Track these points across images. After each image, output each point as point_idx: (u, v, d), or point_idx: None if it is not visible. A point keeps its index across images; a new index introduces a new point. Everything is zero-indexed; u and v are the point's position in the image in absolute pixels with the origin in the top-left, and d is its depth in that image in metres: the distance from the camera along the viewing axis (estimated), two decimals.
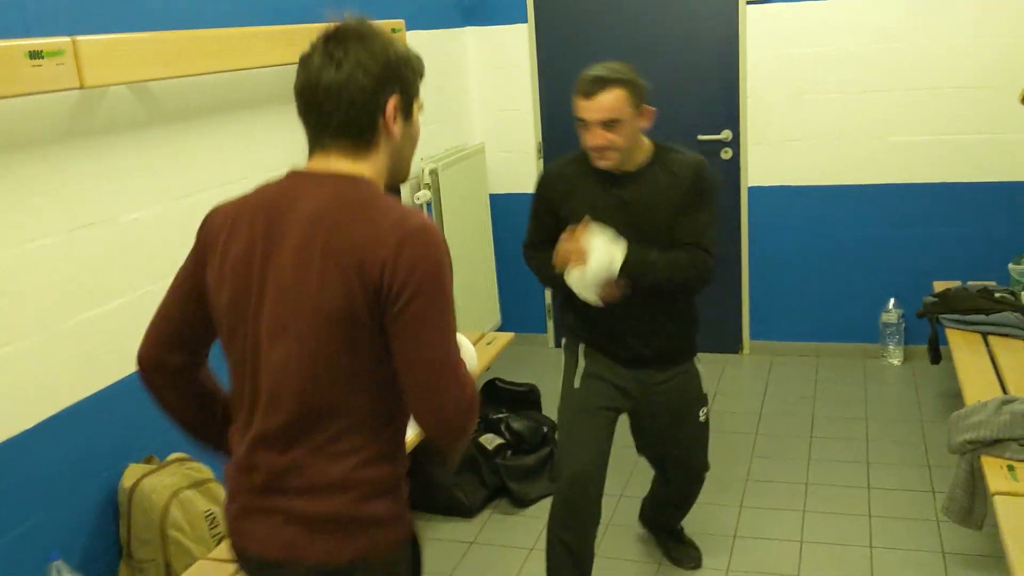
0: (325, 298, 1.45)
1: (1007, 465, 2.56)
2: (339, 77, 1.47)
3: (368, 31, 1.52)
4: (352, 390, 1.50)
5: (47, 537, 2.32)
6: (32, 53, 2.03)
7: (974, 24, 4.14)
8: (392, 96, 1.52)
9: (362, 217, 1.46)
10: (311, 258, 1.46)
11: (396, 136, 1.55)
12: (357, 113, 1.50)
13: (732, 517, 3.35)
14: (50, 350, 2.35)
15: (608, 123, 2.48)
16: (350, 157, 1.53)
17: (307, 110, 1.52)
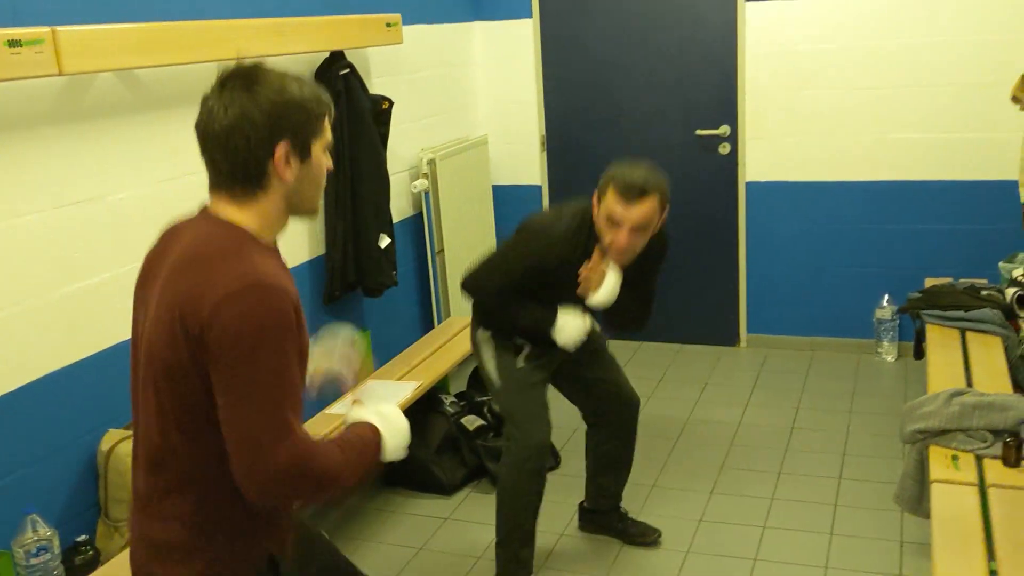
0: (161, 344, 1.50)
1: (952, 455, 2.61)
2: (224, 126, 1.51)
3: (258, 77, 1.53)
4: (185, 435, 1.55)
5: (26, 493, 2.49)
6: (11, 42, 2.19)
7: (969, 22, 4.16)
8: (281, 142, 1.53)
9: (204, 268, 1.49)
10: (161, 303, 1.53)
11: (288, 180, 1.56)
12: (243, 161, 1.53)
13: (701, 502, 3.43)
14: (36, 318, 2.52)
15: (640, 229, 2.65)
16: (236, 203, 1.57)
17: (202, 153, 1.57)
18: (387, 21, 3.81)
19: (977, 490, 2.41)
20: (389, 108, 3.85)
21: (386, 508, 3.52)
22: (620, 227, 2.62)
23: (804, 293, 4.74)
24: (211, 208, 1.60)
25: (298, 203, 1.62)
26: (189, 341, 1.46)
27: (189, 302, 1.47)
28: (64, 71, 2.34)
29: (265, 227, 1.60)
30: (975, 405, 2.66)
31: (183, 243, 1.57)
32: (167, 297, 1.51)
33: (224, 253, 1.51)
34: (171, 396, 1.52)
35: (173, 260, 1.55)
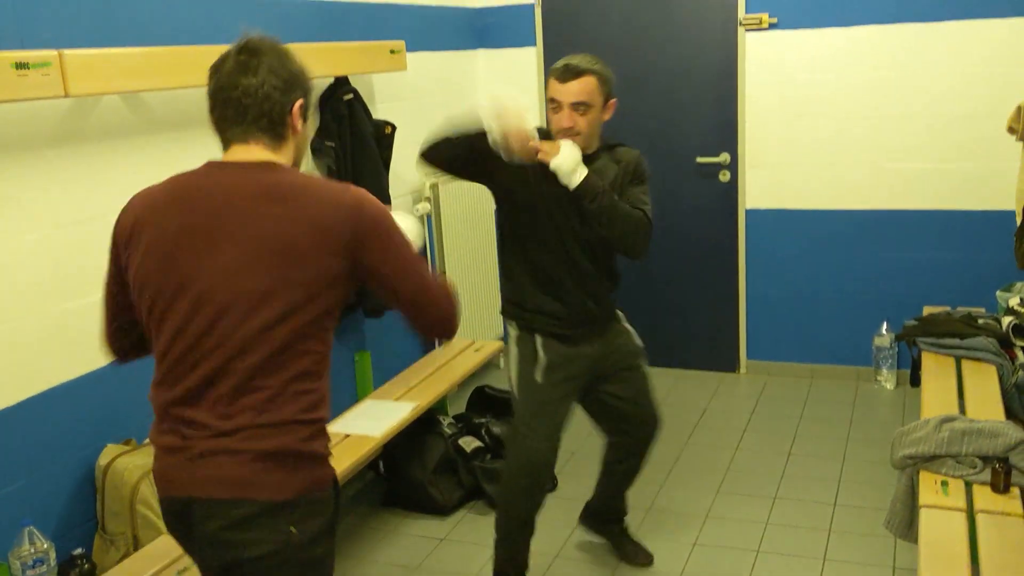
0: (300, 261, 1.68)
1: (941, 481, 2.62)
2: (255, 80, 1.72)
3: (275, 45, 1.77)
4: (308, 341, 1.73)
5: (24, 505, 2.52)
6: (19, 64, 2.25)
7: (966, 54, 4.21)
8: (298, 99, 1.78)
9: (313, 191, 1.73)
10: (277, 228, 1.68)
11: (299, 133, 1.80)
12: (271, 110, 1.74)
13: (696, 526, 3.44)
14: (37, 334, 2.57)
15: (578, 106, 2.70)
16: (269, 148, 1.77)
17: (224, 107, 1.74)
18: (391, 48, 3.89)
19: (965, 515, 2.43)
20: (392, 133, 3.91)
21: (382, 528, 3.54)
22: (559, 106, 2.72)
23: (804, 320, 4.76)
24: (241, 156, 1.75)
25: (299, 159, 1.86)
26: (337, 247, 1.70)
27: (327, 216, 1.70)
28: (70, 93, 2.41)
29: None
30: (965, 431, 2.67)
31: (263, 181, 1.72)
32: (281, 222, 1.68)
33: (312, 178, 1.81)
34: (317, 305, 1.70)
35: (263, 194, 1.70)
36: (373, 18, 4.07)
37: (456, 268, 4.61)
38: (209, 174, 1.77)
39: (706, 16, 4.59)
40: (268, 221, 1.68)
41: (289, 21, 3.51)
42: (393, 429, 3.40)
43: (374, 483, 3.81)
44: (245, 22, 3.23)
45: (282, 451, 1.69)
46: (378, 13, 4.11)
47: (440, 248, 4.50)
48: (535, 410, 2.89)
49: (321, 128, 3.65)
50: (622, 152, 2.87)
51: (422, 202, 4.41)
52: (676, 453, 4.04)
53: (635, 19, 4.72)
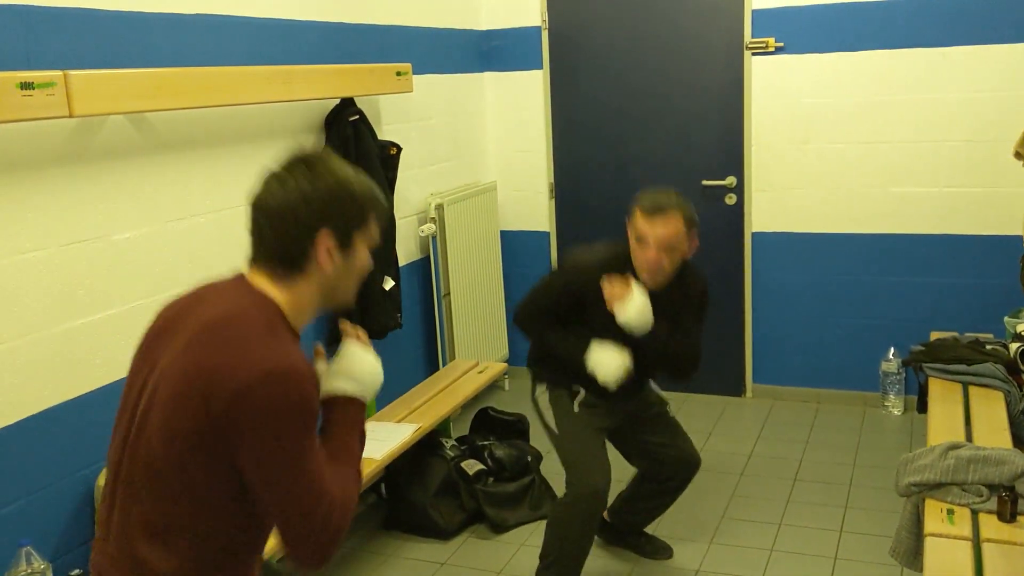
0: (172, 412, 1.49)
1: (947, 509, 2.58)
2: (279, 201, 1.55)
3: (322, 162, 1.58)
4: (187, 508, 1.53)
5: (22, 525, 2.51)
6: (24, 84, 2.26)
7: (972, 79, 4.20)
8: (324, 231, 1.55)
9: (234, 344, 1.48)
10: (176, 364, 1.51)
11: (327, 270, 1.59)
12: (288, 243, 1.56)
13: (700, 552, 3.41)
14: (38, 353, 2.57)
15: (668, 248, 2.82)
16: (275, 281, 1.59)
17: (251, 224, 1.60)
18: (397, 70, 3.90)
19: (971, 545, 2.39)
20: (397, 154, 3.92)
21: (383, 552, 3.51)
22: (647, 244, 2.81)
23: (810, 344, 4.74)
24: (249, 278, 1.61)
25: (331, 294, 1.64)
26: (211, 416, 1.46)
27: (217, 378, 1.46)
28: (75, 113, 2.41)
29: (297, 312, 1.61)
30: (970, 459, 2.64)
31: (215, 308, 1.56)
32: (189, 364, 1.49)
33: (258, 332, 1.51)
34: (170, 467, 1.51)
35: (202, 323, 1.54)
36: (380, 40, 4.09)
37: (461, 288, 4.61)
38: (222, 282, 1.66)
39: (713, 40, 4.60)
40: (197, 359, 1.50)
41: (296, 43, 3.52)
42: (395, 451, 3.38)
43: (375, 506, 3.79)
44: (252, 44, 3.28)
45: None
46: (385, 35, 4.13)
47: (445, 268, 4.50)
48: (581, 441, 3.01)
49: (326, 148, 3.65)
50: (690, 278, 3.02)
51: (427, 223, 4.41)
52: None
53: (642, 42, 4.73)
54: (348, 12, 3.86)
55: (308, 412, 1.50)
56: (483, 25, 5.02)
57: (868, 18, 4.31)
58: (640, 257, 2.85)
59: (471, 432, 4.09)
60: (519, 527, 3.63)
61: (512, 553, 3.46)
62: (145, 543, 1.54)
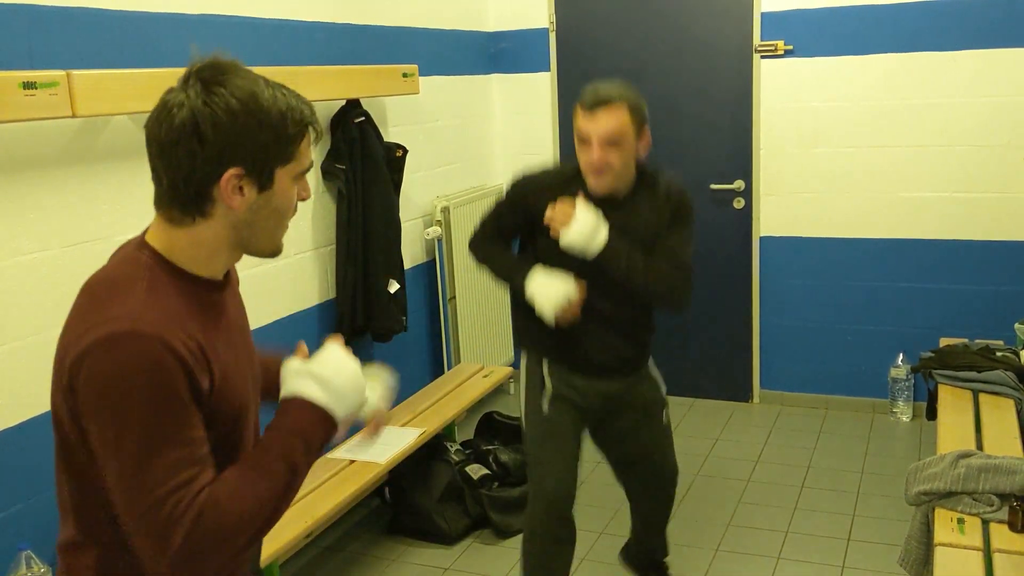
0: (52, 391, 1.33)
1: (957, 518, 2.55)
2: (171, 130, 1.27)
3: (225, 79, 1.29)
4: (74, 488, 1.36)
5: (23, 529, 2.49)
6: (26, 84, 2.25)
7: (984, 83, 4.16)
8: (232, 167, 1.28)
9: (86, 305, 1.31)
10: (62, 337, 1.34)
11: (238, 209, 1.31)
12: (183, 179, 1.29)
13: (706, 559, 3.37)
14: (39, 355, 2.54)
15: (609, 142, 2.44)
16: (167, 223, 1.34)
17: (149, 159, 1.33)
18: (404, 72, 3.88)
19: (982, 555, 2.36)
20: (403, 156, 3.90)
21: (387, 557, 3.48)
22: (588, 142, 2.44)
23: (818, 350, 4.70)
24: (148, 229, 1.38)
25: (250, 238, 1.36)
26: (62, 390, 1.27)
27: (68, 347, 1.27)
28: (78, 113, 2.40)
29: (197, 258, 1.35)
30: (981, 468, 2.61)
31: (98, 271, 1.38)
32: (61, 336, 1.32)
33: (112, 287, 1.30)
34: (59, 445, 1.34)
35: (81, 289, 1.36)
36: (386, 41, 4.07)
37: (466, 292, 4.58)
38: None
39: (721, 42, 4.57)
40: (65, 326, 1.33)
41: (301, 43, 3.50)
42: (399, 455, 3.36)
43: (379, 510, 3.76)
44: (256, 44, 3.26)
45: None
46: (392, 36, 4.11)
47: (450, 271, 4.47)
48: (544, 445, 2.73)
49: (332, 150, 3.64)
50: (663, 186, 2.61)
51: (433, 226, 4.39)
52: (686, 484, 3.97)
53: (650, 44, 4.70)
54: (354, 13, 3.84)
55: (154, 385, 1.22)
56: (491, 27, 5.00)
57: (878, 21, 4.28)
58: (583, 160, 2.47)
59: (476, 436, 4.06)
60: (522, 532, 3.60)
61: (517, 559, 3.42)
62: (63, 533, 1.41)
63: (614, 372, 2.74)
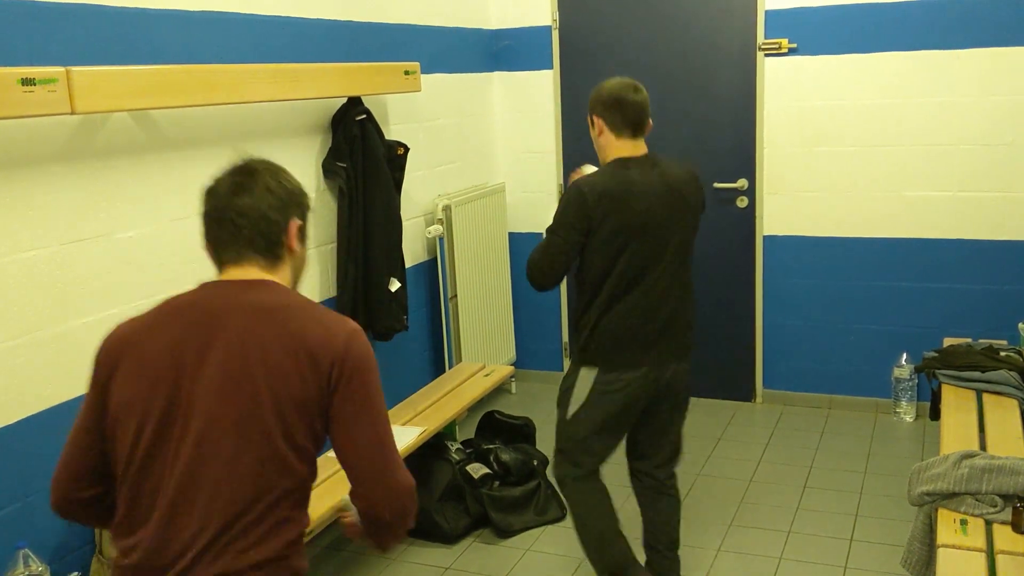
0: (285, 384, 1.61)
1: (960, 519, 2.53)
2: (250, 200, 1.68)
3: (270, 166, 1.75)
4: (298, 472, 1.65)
5: (21, 527, 2.48)
6: (25, 80, 2.23)
7: (988, 82, 4.14)
8: (293, 219, 1.74)
9: (307, 314, 1.67)
10: (263, 347, 1.61)
11: (297, 254, 1.77)
12: (267, 230, 1.70)
13: (708, 559, 3.36)
14: (39, 353, 2.54)
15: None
16: (264, 269, 1.72)
17: (219, 229, 1.69)
18: (405, 69, 3.87)
19: (985, 556, 2.34)
20: (404, 154, 3.88)
21: (387, 556, 3.47)
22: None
23: (822, 349, 4.68)
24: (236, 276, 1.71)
25: (297, 276, 1.81)
26: (319, 376, 1.62)
27: (317, 343, 1.63)
28: (77, 110, 2.39)
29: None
30: (985, 468, 2.59)
31: (251, 297, 1.67)
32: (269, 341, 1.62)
33: (313, 306, 1.71)
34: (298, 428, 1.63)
35: (254, 310, 1.65)
36: (388, 39, 4.05)
37: (468, 291, 4.57)
38: (202, 292, 1.70)
39: (725, 40, 4.56)
40: (255, 337, 1.62)
41: (303, 40, 3.49)
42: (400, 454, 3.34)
43: None
44: (258, 42, 3.25)
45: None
46: (393, 34, 4.09)
47: (452, 271, 4.46)
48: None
49: (333, 148, 3.63)
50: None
51: (434, 224, 4.38)
52: (689, 483, 3.96)
53: (653, 42, 4.69)
54: (356, 10, 3.83)
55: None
56: (493, 24, 4.99)
57: (883, 19, 4.26)
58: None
59: (477, 435, 4.05)
60: (524, 532, 3.59)
61: (517, 558, 3.43)
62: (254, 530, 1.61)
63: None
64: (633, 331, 2.79)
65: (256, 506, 1.60)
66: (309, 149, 3.58)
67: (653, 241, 2.75)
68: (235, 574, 1.59)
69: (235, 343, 1.61)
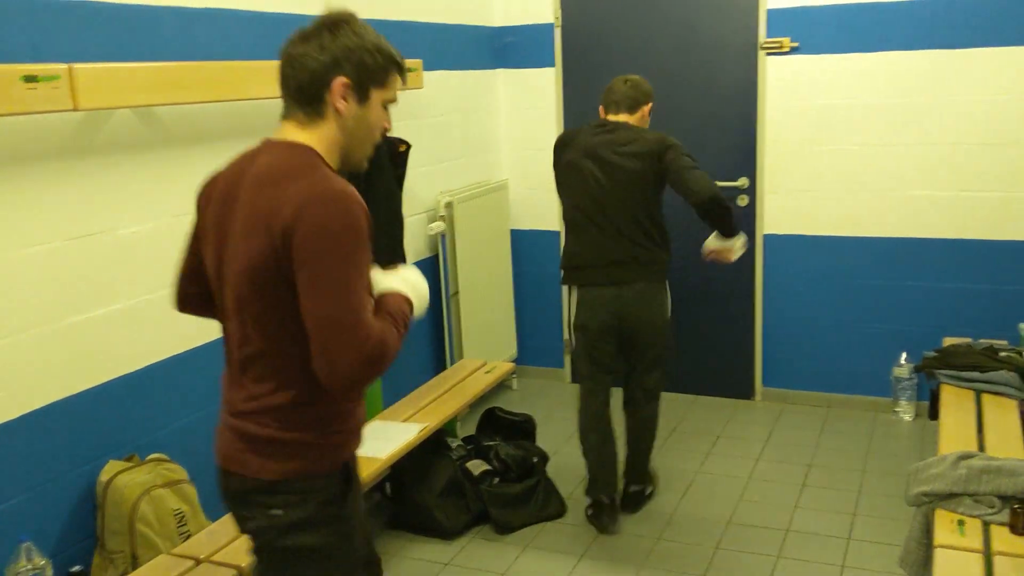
0: (247, 254, 1.66)
1: (958, 520, 2.54)
2: (299, 50, 1.70)
3: (344, 19, 1.73)
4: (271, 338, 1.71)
5: (23, 521, 2.50)
6: (27, 77, 2.25)
7: (991, 81, 4.14)
8: (340, 75, 1.70)
9: (286, 180, 1.64)
10: (244, 218, 1.68)
11: (344, 114, 1.71)
12: (306, 83, 1.70)
13: (705, 558, 3.37)
14: (42, 348, 2.56)
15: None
16: (300, 126, 1.73)
17: (279, 77, 1.75)
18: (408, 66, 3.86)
19: (982, 558, 2.35)
20: (407, 151, 3.89)
21: (387, 551, 3.49)
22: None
23: (821, 348, 4.69)
24: (278, 134, 1.75)
25: (348, 145, 1.75)
26: (275, 245, 1.61)
27: (275, 209, 1.61)
28: (80, 107, 2.40)
29: (328, 152, 1.73)
30: (983, 469, 2.60)
31: (261, 163, 1.70)
32: (254, 210, 1.66)
33: (302, 167, 1.66)
34: (258, 301, 1.68)
35: (253, 178, 1.69)
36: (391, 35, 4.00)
37: (469, 287, 4.58)
38: (251, 152, 1.78)
39: (727, 39, 4.56)
40: (255, 203, 1.67)
41: None
42: (400, 450, 3.36)
43: (380, 505, 3.76)
44: (258, 38, 3.25)
45: (258, 436, 1.75)
46: (396, 30, 4.10)
47: (454, 267, 4.47)
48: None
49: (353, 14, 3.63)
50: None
51: (436, 221, 4.38)
52: (688, 481, 3.97)
53: (655, 41, 4.69)
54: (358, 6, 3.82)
55: (358, 230, 1.62)
56: (496, 22, 4.99)
57: (884, 18, 4.26)
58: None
59: (477, 432, 4.06)
60: (524, 528, 3.61)
61: (517, 555, 3.44)
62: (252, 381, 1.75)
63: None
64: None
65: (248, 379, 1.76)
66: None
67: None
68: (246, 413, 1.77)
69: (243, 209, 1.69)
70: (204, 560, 2.55)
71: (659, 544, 3.47)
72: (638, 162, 3.37)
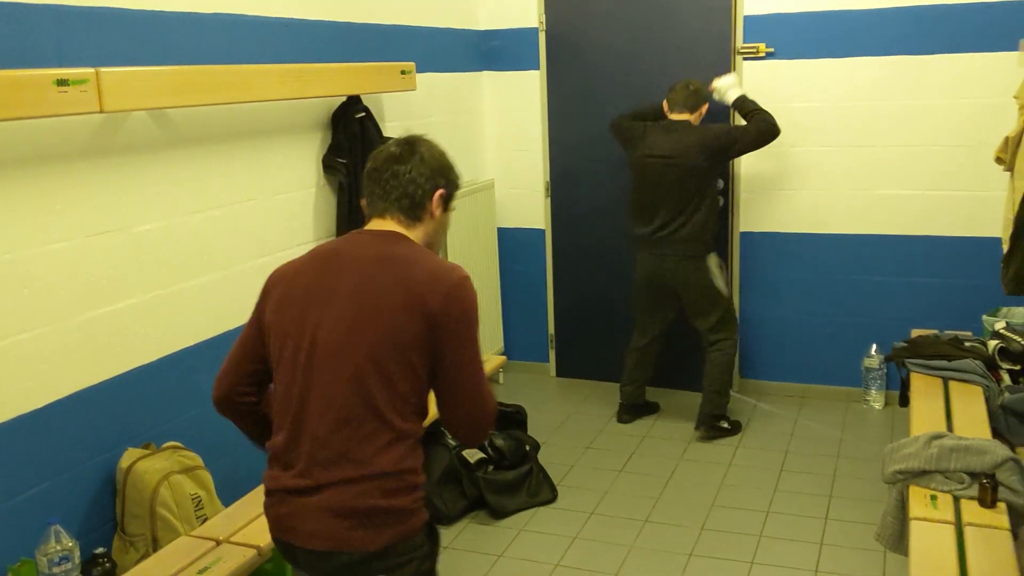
0: (389, 323, 1.86)
1: (930, 495, 2.73)
2: (405, 166, 1.99)
3: (428, 142, 2.06)
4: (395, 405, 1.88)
5: (49, 505, 2.61)
6: (60, 81, 2.36)
7: (957, 86, 4.35)
8: (439, 188, 2.02)
9: (421, 263, 1.92)
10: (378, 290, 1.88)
11: (436, 218, 2.03)
12: (413, 192, 1.98)
13: (692, 537, 3.54)
14: (64, 340, 2.66)
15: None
16: (402, 225, 2.00)
17: (374, 185, 2.01)
18: (402, 69, 4.00)
19: (954, 528, 2.52)
20: None
21: None
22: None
23: (795, 341, 4.89)
24: (377, 227, 2.00)
25: (433, 240, 2.06)
26: (426, 317, 1.86)
27: (429, 286, 1.87)
28: (105, 109, 2.51)
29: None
30: (953, 448, 2.78)
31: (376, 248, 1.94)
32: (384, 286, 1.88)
33: (430, 255, 1.97)
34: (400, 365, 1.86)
35: (375, 259, 1.92)
36: (386, 39, 4.19)
37: None
38: (343, 241, 2.03)
39: (704, 44, 4.73)
40: (373, 281, 1.88)
41: (307, 41, 3.62)
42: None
43: None
44: (265, 42, 3.37)
45: (364, 508, 1.86)
46: (390, 34, 4.23)
47: None
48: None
49: (333, 145, 3.76)
50: None
51: None
52: (671, 468, 4.14)
53: (636, 45, 4.86)
54: (354, 12, 3.96)
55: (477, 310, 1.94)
56: (482, 25, 5.13)
57: (857, 26, 4.46)
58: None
59: None
60: (518, 513, 3.76)
61: (511, 538, 3.59)
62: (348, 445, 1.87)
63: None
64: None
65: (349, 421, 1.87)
66: (310, 145, 3.71)
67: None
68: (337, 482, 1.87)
69: (356, 287, 1.89)
70: (224, 541, 2.67)
71: (646, 527, 3.64)
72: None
